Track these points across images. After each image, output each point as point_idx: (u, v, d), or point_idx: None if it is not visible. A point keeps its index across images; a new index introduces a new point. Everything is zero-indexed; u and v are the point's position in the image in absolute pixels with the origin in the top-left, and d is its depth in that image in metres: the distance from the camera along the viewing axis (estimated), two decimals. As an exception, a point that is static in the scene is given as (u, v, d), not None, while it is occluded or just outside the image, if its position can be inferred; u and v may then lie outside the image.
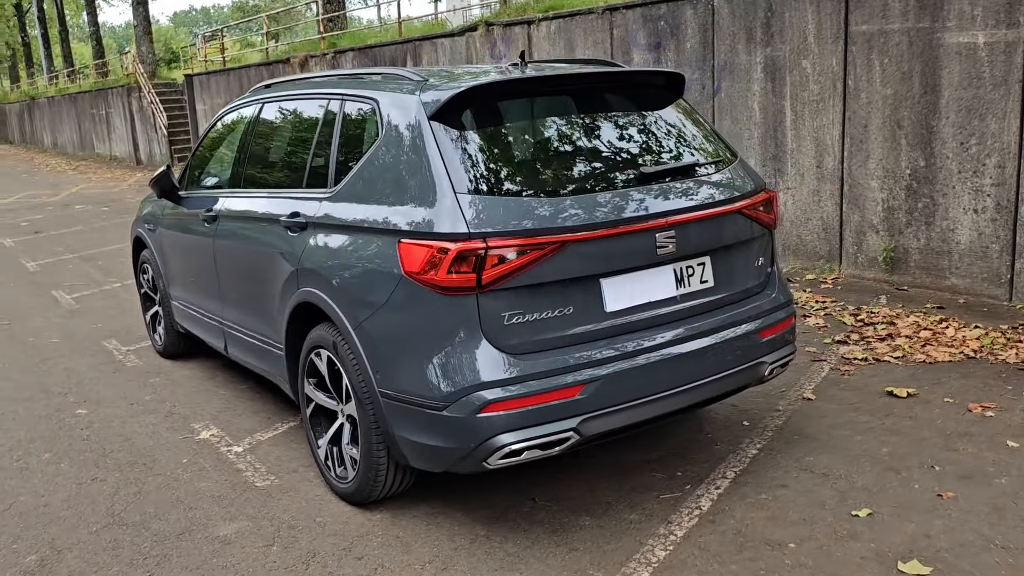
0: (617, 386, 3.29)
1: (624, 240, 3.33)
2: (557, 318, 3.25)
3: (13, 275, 9.81)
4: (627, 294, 3.39)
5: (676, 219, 3.44)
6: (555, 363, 3.21)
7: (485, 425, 3.13)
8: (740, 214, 3.72)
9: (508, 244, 3.12)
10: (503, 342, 3.18)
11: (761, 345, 3.73)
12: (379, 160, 3.55)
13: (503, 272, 3.12)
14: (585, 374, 3.23)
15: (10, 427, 5.05)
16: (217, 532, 3.69)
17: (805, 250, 7.43)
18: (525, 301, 3.19)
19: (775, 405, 4.69)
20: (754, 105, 7.59)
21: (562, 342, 3.26)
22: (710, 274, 3.64)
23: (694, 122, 3.97)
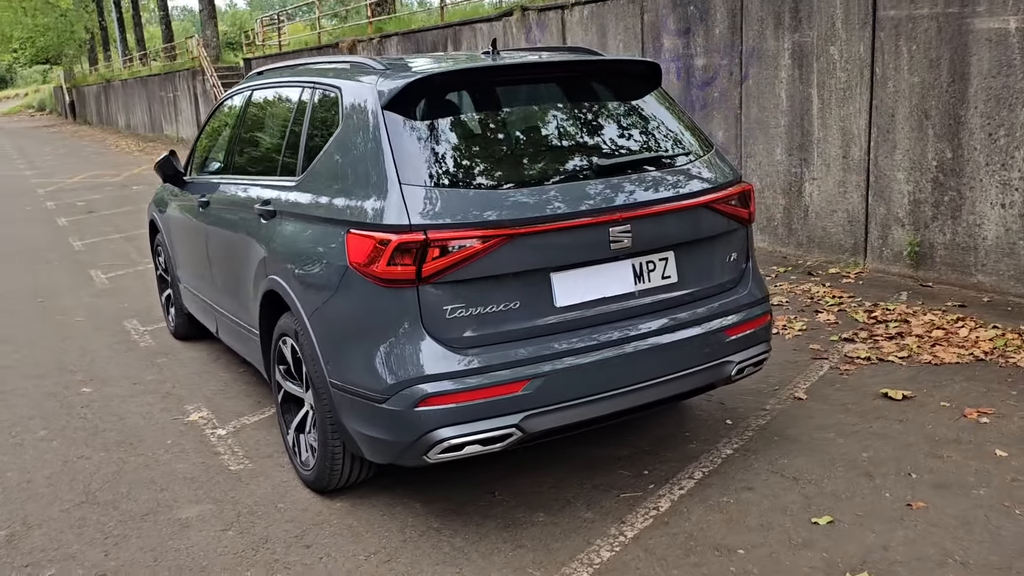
0: (563, 383, 3.23)
1: (574, 234, 3.25)
2: (503, 312, 3.20)
3: (59, 254, 10.13)
4: (579, 289, 3.32)
5: (632, 213, 3.35)
6: (498, 358, 3.17)
7: (423, 419, 3.11)
8: (708, 208, 3.60)
9: (449, 237, 3.08)
10: (445, 335, 3.15)
11: (727, 343, 3.62)
12: (337, 149, 3.54)
13: (444, 265, 3.09)
14: (529, 370, 3.18)
15: (16, 403, 5.22)
16: (180, 514, 3.76)
17: (830, 243, 7.20)
18: (469, 295, 3.15)
19: (763, 404, 4.56)
20: (781, 92, 7.37)
21: (508, 337, 3.22)
22: (673, 270, 3.54)
23: (669, 113, 3.86)
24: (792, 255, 7.51)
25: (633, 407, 3.43)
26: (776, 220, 7.64)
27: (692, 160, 3.70)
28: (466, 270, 3.11)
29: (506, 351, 3.19)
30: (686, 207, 3.53)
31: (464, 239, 3.09)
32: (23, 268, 9.32)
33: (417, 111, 3.36)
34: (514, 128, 3.53)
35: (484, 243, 3.10)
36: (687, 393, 3.61)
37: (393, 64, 3.70)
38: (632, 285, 3.44)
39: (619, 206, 3.33)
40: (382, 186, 3.20)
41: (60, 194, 15.90)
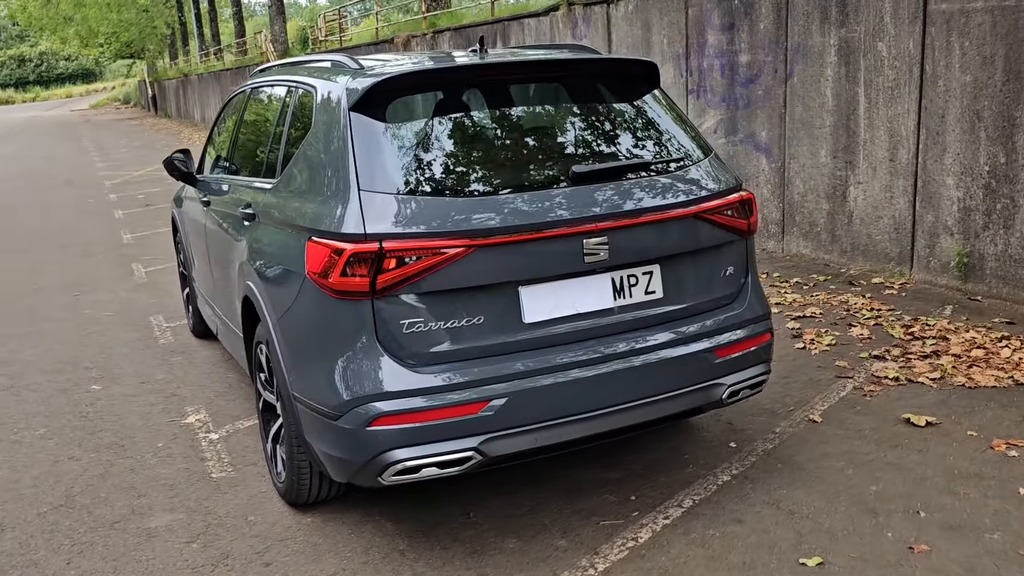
0: (527, 404, 3.02)
1: (544, 246, 3.05)
2: (466, 328, 3.02)
3: (107, 246, 10.31)
4: (550, 304, 3.11)
5: (609, 224, 3.12)
6: (457, 376, 2.98)
7: (377, 439, 2.95)
8: (699, 218, 3.35)
9: (405, 248, 2.91)
10: (402, 352, 2.98)
11: (716, 364, 3.36)
12: (308, 151, 3.40)
13: (399, 277, 2.91)
14: (490, 390, 2.99)
15: (26, 399, 5.24)
16: (150, 523, 3.68)
17: (875, 251, 6.80)
18: (428, 309, 2.97)
19: (774, 426, 4.27)
20: (827, 91, 6.99)
21: (471, 354, 3.03)
22: (659, 284, 3.30)
23: (666, 117, 3.61)
24: (835, 263, 7.13)
25: (607, 431, 3.21)
26: (819, 226, 7.27)
27: (685, 166, 3.45)
28: (424, 283, 2.94)
29: (466, 369, 3.00)
30: (673, 217, 3.28)
31: (421, 250, 2.91)
32: (69, 260, 9.50)
33: (385, 113, 3.19)
34: (489, 132, 3.33)
35: (443, 255, 2.92)
36: (670, 417, 3.37)
37: (371, 64, 3.54)
38: (611, 300, 3.21)
39: (594, 216, 3.10)
40: (343, 192, 3.05)
41: (125, 187, 16.25)
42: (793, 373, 4.94)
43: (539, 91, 3.51)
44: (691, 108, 8.46)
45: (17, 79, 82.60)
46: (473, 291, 3.00)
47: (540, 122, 3.44)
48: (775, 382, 4.81)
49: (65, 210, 13.46)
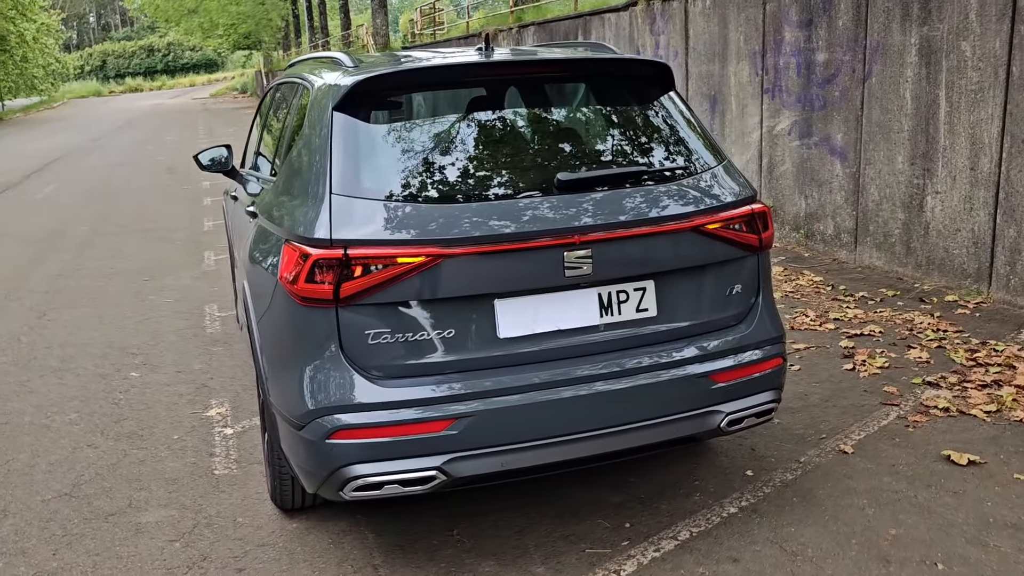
0: (496, 424, 2.86)
1: (519, 258, 2.87)
2: (436, 340, 2.87)
3: (187, 232, 10.60)
4: (528, 319, 2.94)
5: (593, 236, 2.93)
6: (422, 392, 2.85)
7: (336, 452, 2.84)
8: (699, 232, 3.11)
9: (370, 255, 2.79)
10: (366, 363, 2.86)
11: (713, 391, 3.12)
12: (298, 151, 3.32)
13: (365, 286, 2.80)
14: (457, 407, 2.84)
15: (69, 383, 5.39)
16: (142, 518, 3.69)
17: (951, 266, 6.32)
18: (395, 319, 2.85)
19: (800, 454, 3.98)
20: (906, 93, 6.52)
21: (440, 369, 2.89)
22: (653, 302, 3.08)
23: (676, 122, 3.37)
24: (909, 277, 6.66)
25: (584, 458, 3.01)
26: (893, 237, 6.81)
27: (690, 175, 3.21)
28: (391, 292, 2.81)
29: (433, 385, 2.86)
30: (669, 230, 3.05)
31: (387, 258, 2.78)
32: (149, 245, 9.80)
33: (369, 114, 3.08)
34: (479, 137, 3.17)
35: (409, 264, 2.78)
36: (658, 445, 3.14)
37: (366, 62, 3.43)
38: (597, 317, 3.01)
39: (577, 228, 2.91)
40: (317, 195, 2.95)
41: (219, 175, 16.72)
42: (834, 397, 4.61)
43: (537, 93, 3.33)
44: (766, 108, 8.08)
45: (146, 68, 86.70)
46: (443, 303, 2.86)
47: (533, 126, 3.26)
48: (814, 405, 4.50)
49: (160, 196, 13.94)
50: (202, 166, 5.13)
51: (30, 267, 8.83)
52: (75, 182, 15.94)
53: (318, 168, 3.00)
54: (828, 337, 5.54)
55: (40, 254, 9.50)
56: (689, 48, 9.21)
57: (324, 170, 2.96)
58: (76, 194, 14.31)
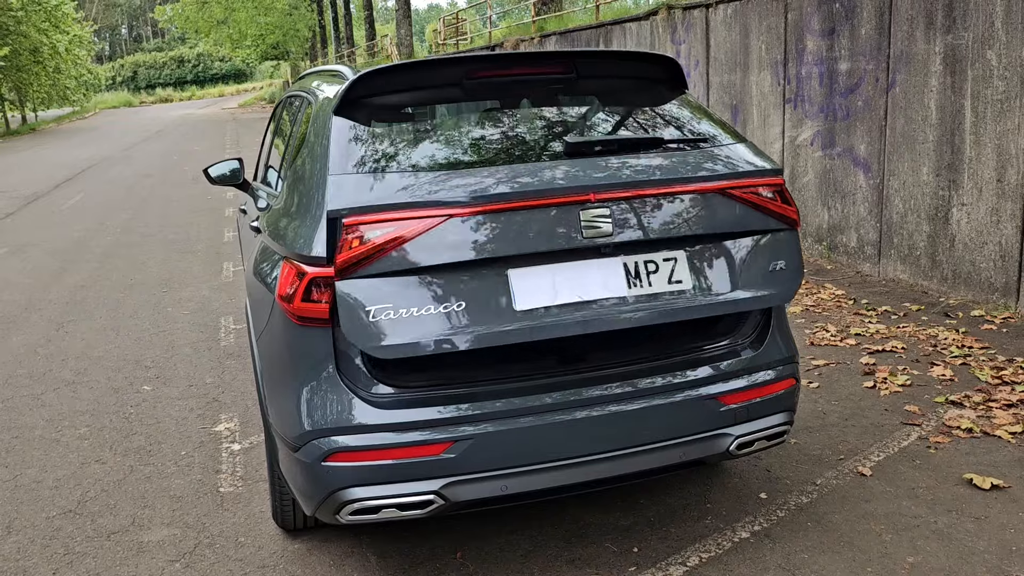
0: (495, 447, 2.79)
1: (531, 218, 2.70)
2: (446, 316, 2.70)
3: (207, 243, 10.63)
4: (547, 289, 2.76)
5: (609, 194, 2.77)
6: (420, 413, 2.78)
7: (332, 475, 2.78)
8: (728, 196, 2.92)
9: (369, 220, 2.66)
10: (362, 384, 2.80)
11: (723, 413, 3.02)
12: (299, 164, 3.27)
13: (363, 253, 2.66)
14: (454, 430, 2.77)
15: (82, 396, 5.38)
16: (145, 537, 3.65)
17: (978, 280, 6.16)
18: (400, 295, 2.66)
19: (815, 477, 3.86)
20: (930, 103, 6.38)
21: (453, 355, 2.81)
22: (686, 273, 2.89)
23: (690, 113, 3.27)
24: (934, 291, 6.51)
25: (589, 481, 2.92)
26: (919, 250, 6.66)
27: (711, 146, 3.07)
28: (395, 260, 2.65)
29: (431, 407, 2.79)
30: (694, 191, 2.88)
31: (387, 221, 2.66)
32: (169, 256, 9.84)
33: (369, 120, 3.02)
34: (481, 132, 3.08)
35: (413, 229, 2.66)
36: (665, 468, 3.05)
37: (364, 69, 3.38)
38: (624, 288, 2.82)
39: (590, 186, 2.76)
40: (317, 210, 2.89)
41: (243, 184, 16.82)
42: (854, 416, 4.49)
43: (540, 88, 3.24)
44: (788, 118, 7.96)
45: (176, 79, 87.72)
46: (451, 274, 2.70)
47: (536, 118, 3.16)
48: (832, 424, 4.38)
49: (184, 206, 14.02)
50: (212, 180, 5.09)
51: (53, 278, 8.89)
52: (102, 192, 16.09)
53: (318, 182, 2.95)
54: (849, 353, 5.41)
55: (63, 264, 9.56)
56: (710, 57, 9.11)
57: (323, 185, 2.90)
58: (102, 204, 14.44)
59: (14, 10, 36.92)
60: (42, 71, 44.03)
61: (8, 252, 10.52)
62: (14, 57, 37.91)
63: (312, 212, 2.89)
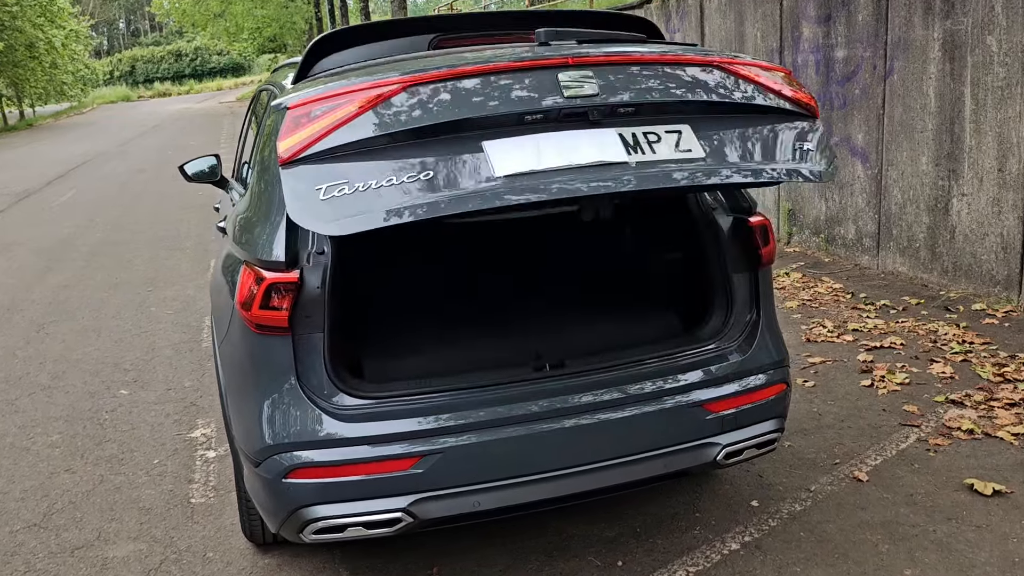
0: (467, 462, 2.64)
1: (502, 84, 2.43)
2: (415, 187, 2.33)
3: (196, 240, 10.46)
4: (530, 155, 2.38)
5: (589, 59, 2.50)
6: (386, 427, 2.63)
7: (294, 492, 2.63)
8: (725, 70, 2.65)
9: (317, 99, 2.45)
10: (324, 396, 2.64)
11: (708, 422, 2.86)
12: (260, 160, 3.10)
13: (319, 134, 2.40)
14: (422, 444, 2.62)
15: (57, 401, 5.23)
16: (110, 552, 3.50)
17: (979, 272, 5.99)
18: (360, 169, 2.36)
19: (810, 483, 3.71)
20: (929, 91, 6.20)
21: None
22: (694, 142, 2.52)
23: None
24: (934, 283, 6.34)
25: (567, 496, 2.77)
26: (918, 241, 6.48)
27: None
28: (356, 128, 2.34)
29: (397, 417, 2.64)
30: (685, 62, 2.62)
31: (338, 97, 2.37)
32: (158, 254, 9.67)
33: None
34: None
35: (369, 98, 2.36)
36: (648, 480, 2.90)
37: None
38: (623, 154, 2.42)
39: (567, 54, 2.52)
40: (277, 214, 2.74)
41: (237, 179, 16.65)
42: (851, 417, 4.33)
43: None
44: (784, 108, 7.77)
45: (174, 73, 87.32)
46: (421, 148, 2.38)
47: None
48: (828, 426, 4.23)
49: (175, 202, 13.83)
50: (188, 177, 4.93)
51: (36, 278, 8.74)
52: (94, 188, 15.91)
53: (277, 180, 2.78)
54: (846, 350, 5.25)
55: (49, 264, 9.40)
56: (705, 45, 8.92)
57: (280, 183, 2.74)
58: (94, 200, 14.26)
59: (8, 5, 36.67)
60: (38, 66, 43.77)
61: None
62: (9, 52, 37.66)
63: (272, 213, 2.74)
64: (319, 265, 2.67)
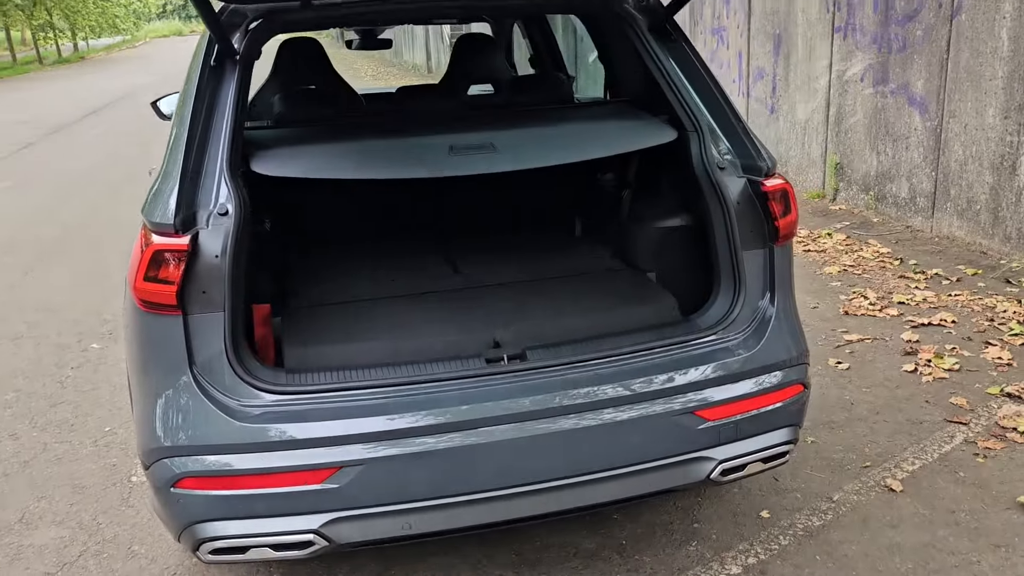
0: (397, 475, 2.15)
1: None
2: None
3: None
4: None
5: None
6: (298, 429, 2.15)
7: (183, 505, 2.18)
8: None
9: None
10: (222, 390, 2.17)
11: (700, 432, 2.33)
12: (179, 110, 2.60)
13: None
14: (342, 452, 2.13)
15: (24, 355, 4.90)
16: (27, 539, 3.13)
17: (1048, 241, 5.30)
18: None
19: (833, 490, 3.17)
20: (1002, 33, 5.44)
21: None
22: None
23: None
24: (994, 251, 5.65)
25: (519, 519, 2.28)
26: (979, 203, 5.78)
27: None
28: None
29: (311, 418, 2.16)
30: None
31: None
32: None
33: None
34: None
35: None
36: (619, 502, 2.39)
37: None
38: None
39: None
40: (172, 161, 2.26)
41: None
42: (887, 408, 3.76)
43: None
44: (836, 50, 7.03)
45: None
46: None
47: None
48: (860, 419, 3.67)
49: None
50: (162, 115, 4.50)
51: (46, 215, 8.40)
52: (127, 122, 15.56)
53: (179, 131, 2.31)
54: (889, 326, 4.64)
55: (63, 200, 9.07)
56: (753, -20, 8.15)
57: (180, 133, 2.27)
58: (125, 134, 13.91)
59: (62, -61, 36.47)
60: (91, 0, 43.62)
61: (11, 186, 10.09)
62: (62, -14, 37.58)
63: (171, 163, 2.26)
64: (220, 228, 2.18)
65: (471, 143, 2.54)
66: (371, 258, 3.25)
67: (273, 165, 2.45)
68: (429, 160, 2.53)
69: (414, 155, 2.56)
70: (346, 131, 2.82)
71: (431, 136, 2.65)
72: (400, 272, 3.09)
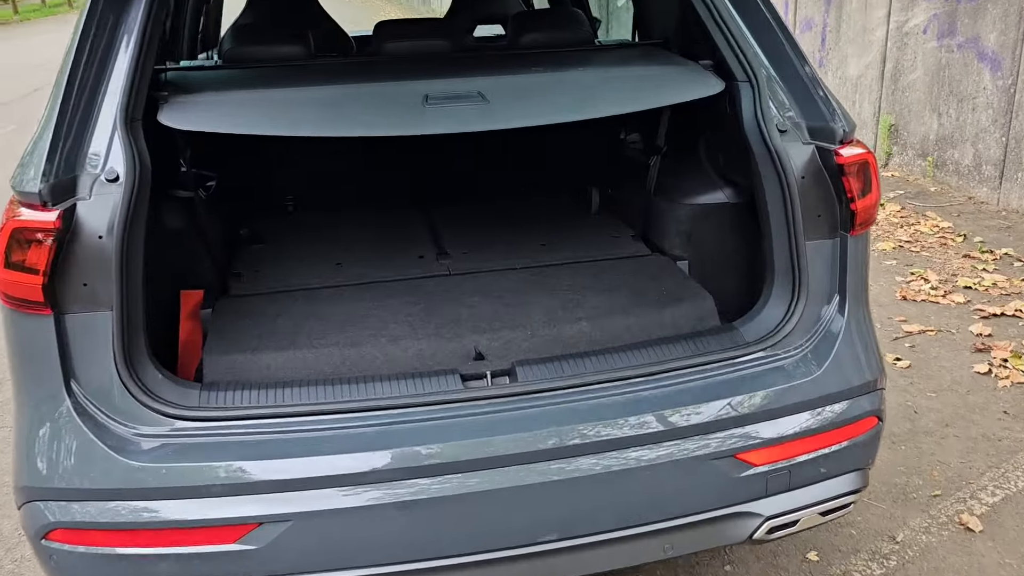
0: (331, 534, 1.62)
1: None
2: None
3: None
4: None
5: None
6: (204, 472, 1.61)
7: (56, 562, 1.67)
8: None
9: None
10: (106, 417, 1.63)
11: (741, 481, 1.77)
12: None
13: None
14: (265, 503, 1.60)
15: None
16: None
17: None
18: None
19: (895, 527, 2.61)
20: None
21: None
22: None
23: None
24: (1073, 230, 5.00)
25: None
26: (1057, 174, 5.11)
27: None
28: None
29: (225, 456, 1.62)
30: None
31: None
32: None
33: None
34: None
35: None
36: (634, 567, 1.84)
37: None
38: None
39: None
40: (46, 118, 1.71)
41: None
42: (958, 420, 3.18)
43: None
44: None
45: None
46: None
47: None
48: (926, 432, 3.11)
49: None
50: None
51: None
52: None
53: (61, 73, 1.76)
54: (955, 315, 4.03)
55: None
56: (804, -80, 7.39)
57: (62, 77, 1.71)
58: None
59: None
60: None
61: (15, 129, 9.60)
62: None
63: (46, 120, 1.71)
64: (107, 199, 1.63)
65: (453, 91, 1.97)
66: (338, 233, 2.70)
67: (183, 116, 1.89)
68: (395, 113, 1.96)
69: (376, 106, 2.00)
70: (296, 76, 2.26)
71: (404, 81, 2.08)
72: (371, 251, 2.54)
